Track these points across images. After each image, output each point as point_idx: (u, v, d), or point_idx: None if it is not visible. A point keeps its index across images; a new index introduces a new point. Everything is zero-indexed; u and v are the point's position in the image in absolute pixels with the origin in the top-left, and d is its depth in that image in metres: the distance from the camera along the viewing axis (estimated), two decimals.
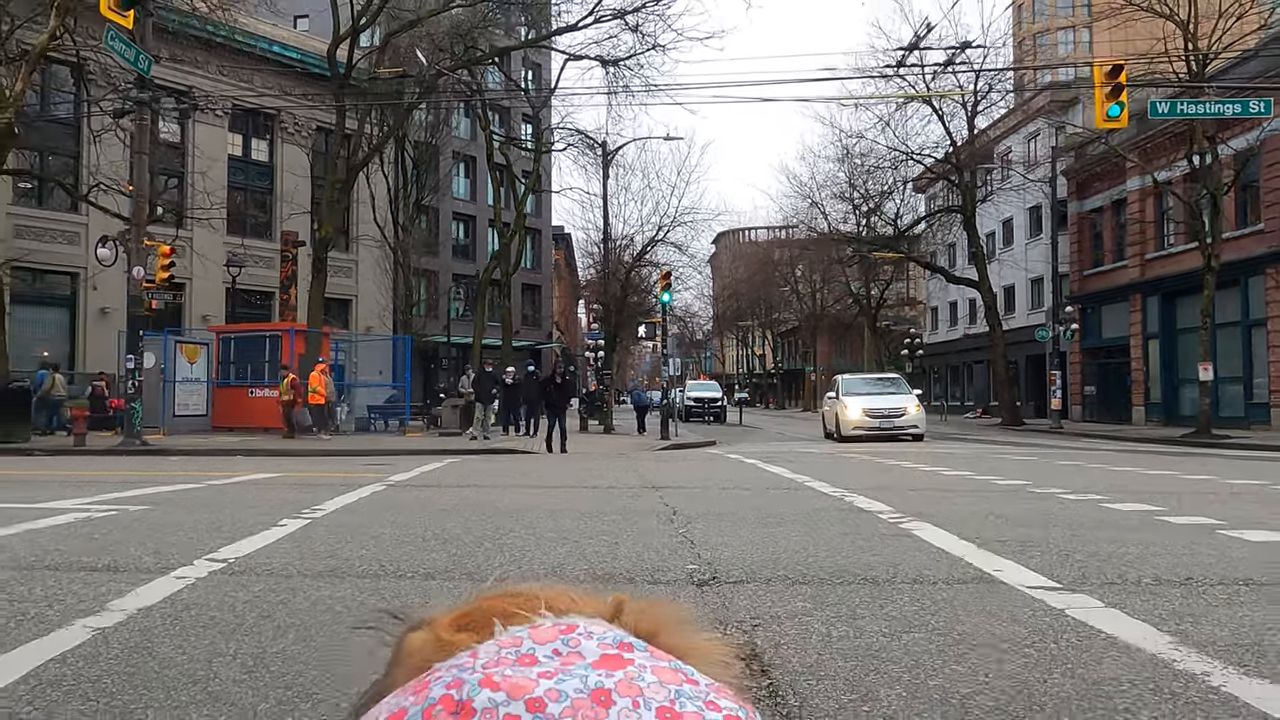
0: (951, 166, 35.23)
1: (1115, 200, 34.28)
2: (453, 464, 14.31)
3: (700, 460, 15.38)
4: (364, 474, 12.00)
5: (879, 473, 11.95)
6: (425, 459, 15.85)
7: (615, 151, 31.49)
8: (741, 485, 10.09)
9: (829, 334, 62.37)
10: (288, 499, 8.68)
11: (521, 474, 11.95)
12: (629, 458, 16.22)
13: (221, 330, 27.84)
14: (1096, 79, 20.61)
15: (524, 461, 15.15)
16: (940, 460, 14.52)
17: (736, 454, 16.86)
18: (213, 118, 38.01)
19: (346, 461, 15.07)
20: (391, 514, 7.52)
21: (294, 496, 8.87)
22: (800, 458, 15.59)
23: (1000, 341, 35.29)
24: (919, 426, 21.94)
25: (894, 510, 7.43)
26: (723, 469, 12.95)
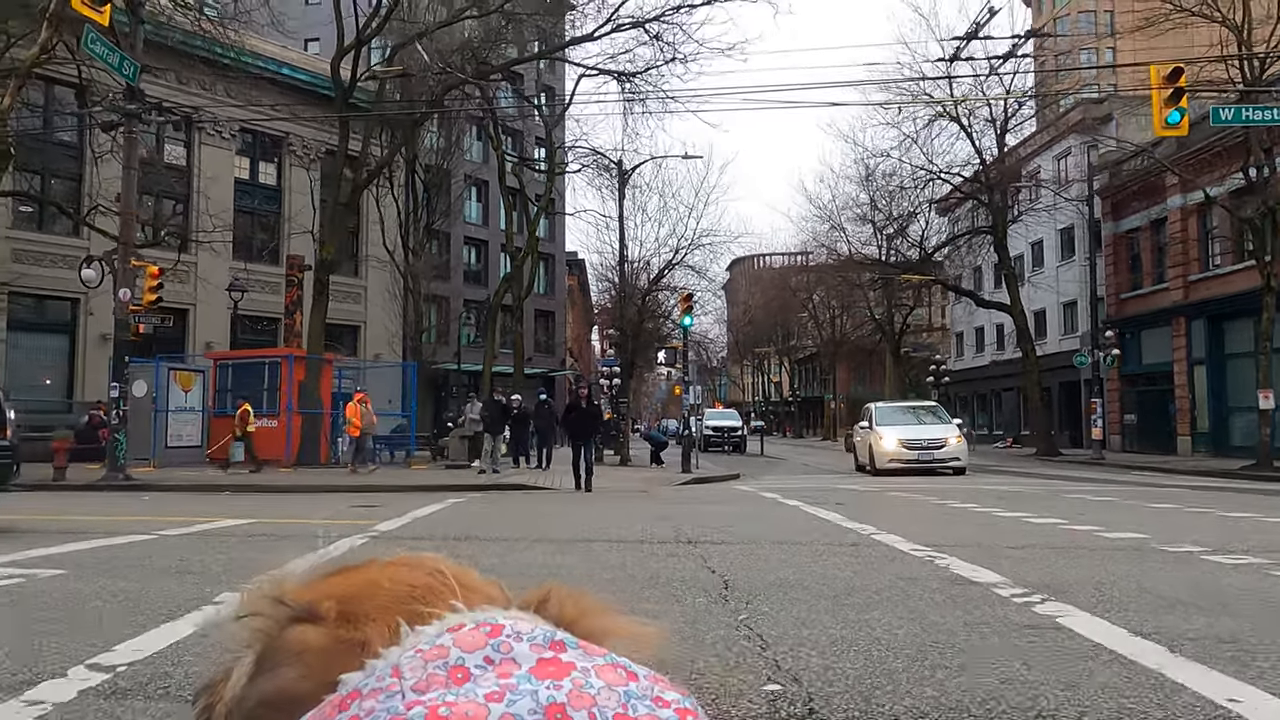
0: (981, 185, 33.64)
1: (1155, 220, 32.58)
2: (455, 504, 12.68)
3: (731, 499, 13.69)
4: (349, 519, 10.39)
5: (949, 519, 10.26)
6: (425, 497, 14.23)
7: (631, 171, 30.10)
8: (793, 537, 8.42)
9: (848, 361, 60.62)
10: (241, 560, 7.08)
11: (532, 520, 10.31)
12: (652, 497, 14.55)
13: (219, 357, 26.43)
14: (1154, 83, 19.01)
15: (536, 501, 13.52)
16: (1008, 501, 12.79)
17: (769, 491, 15.17)
18: (219, 140, 36.94)
19: (336, 500, 13.48)
20: None
21: (250, 557, 7.26)
22: (843, 497, 13.88)
23: (1034, 368, 33.52)
24: (960, 459, 20.25)
25: (1009, 581, 5.75)
26: (763, 513, 11.27)
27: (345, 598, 0.72)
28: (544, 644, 0.64)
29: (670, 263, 30.99)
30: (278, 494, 16.24)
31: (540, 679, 0.60)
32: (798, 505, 11.91)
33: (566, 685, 0.60)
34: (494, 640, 0.63)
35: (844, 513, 10.76)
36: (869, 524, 9.33)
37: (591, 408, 17.98)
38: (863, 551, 7.32)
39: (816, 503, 12.31)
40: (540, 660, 0.62)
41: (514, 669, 0.61)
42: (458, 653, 0.62)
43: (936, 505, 11.99)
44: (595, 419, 18.10)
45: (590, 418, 17.63)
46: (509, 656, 0.62)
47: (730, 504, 12.38)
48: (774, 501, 12.80)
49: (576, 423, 17.41)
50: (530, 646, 0.63)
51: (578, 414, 17.60)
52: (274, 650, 0.70)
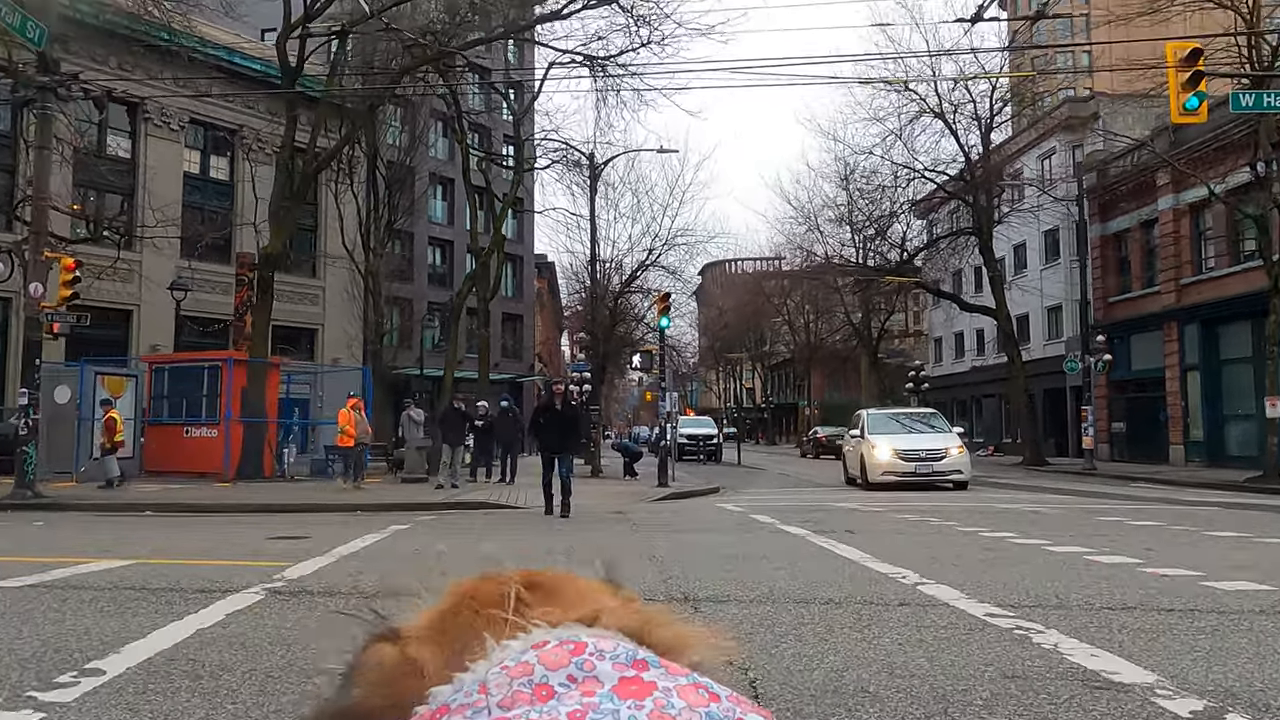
0: (966, 185, 32.10)
1: (1144, 221, 31.20)
2: (399, 532, 10.66)
3: (723, 525, 11.75)
4: (258, 558, 8.36)
5: (995, 557, 8.42)
6: (369, 521, 12.20)
7: (604, 165, 28.19)
8: (818, 590, 6.52)
9: (823, 367, 59.00)
10: (73, 634, 5.05)
11: (484, 562, 8.32)
12: (629, 521, 12.59)
13: (154, 360, 24.12)
14: (1171, 72, 17.40)
15: (495, 527, 11.53)
16: (1042, 526, 11.01)
17: (762, 512, 13.27)
18: (167, 132, 34.55)
19: (258, 526, 11.39)
20: (193, 699, 3.91)
21: (85, 627, 5.24)
22: (848, 520, 12.01)
23: (1020, 374, 32.00)
24: (963, 472, 18.39)
25: (1164, 680, 3.88)
26: (766, 547, 9.36)
27: (437, 617, 0.73)
28: (627, 663, 0.64)
29: (644, 263, 29.10)
30: (202, 517, 14.12)
31: (623, 698, 0.60)
32: (803, 534, 10.01)
33: (648, 705, 0.60)
34: (577, 658, 0.64)
35: (861, 545, 8.89)
36: (903, 566, 7.45)
37: (570, 410, 13.61)
38: (923, 618, 5.42)
39: (822, 529, 10.43)
40: (623, 679, 0.62)
41: (597, 687, 0.61)
42: (542, 670, 0.63)
43: (964, 534, 10.15)
44: (574, 425, 13.85)
45: (568, 424, 13.50)
46: (592, 675, 0.62)
47: (723, 532, 10.47)
48: (772, 528, 10.90)
49: (550, 430, 13.21)
50: (613, 665, 0.63)
51: (552, 418, 13.25)
52: (354, 667, 0.71)
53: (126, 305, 33.04)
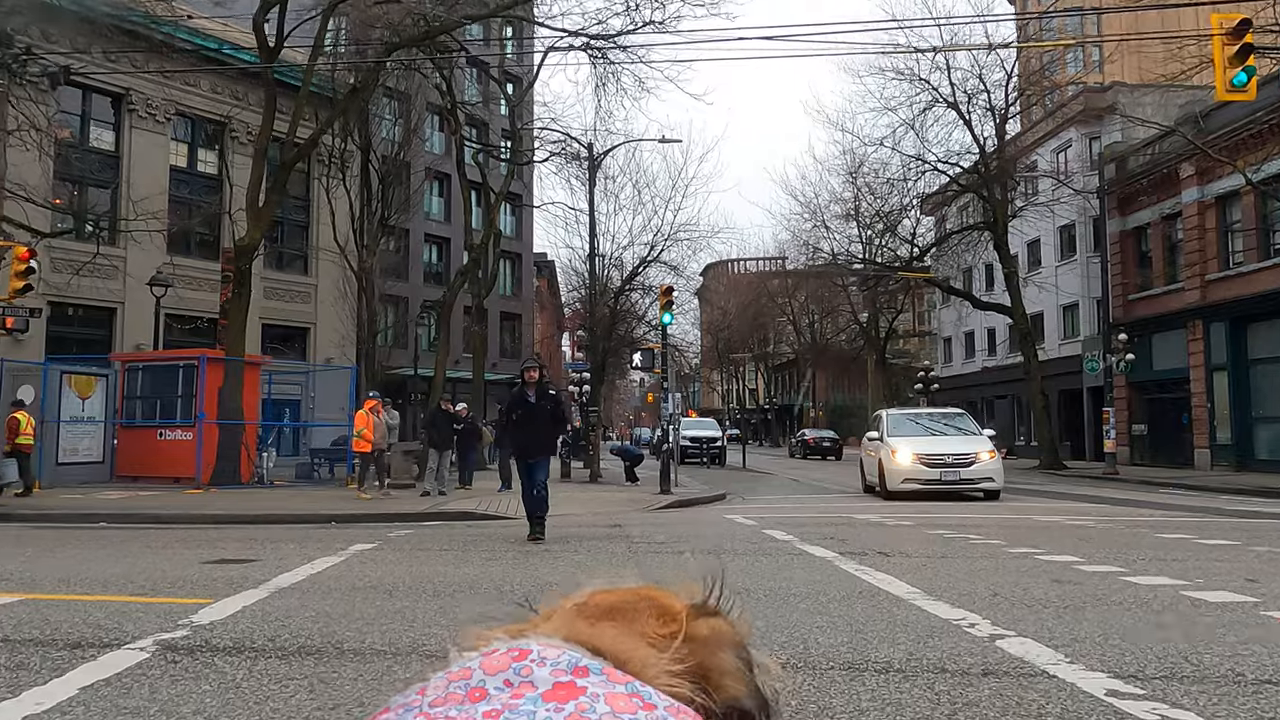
0: (979, 178, 30.56)
1: (1167, 215, 29.65)
2: (361, 554, 9.15)
3: (735, 545, 10.20)
4: (178, 591, 6.86)
5: (1085, 596, 6.89)
6: (334, 537, 10.69)
7: (604, 155, 26.67)
8: (874, 650, 5.00)
9: (828, 367, 57.41)
10: None
11: (444, 594, 6.78)
12: (626, 536, 11.06)
13: (126, 359, 22.62)
14: (1216, 42, 15.88)
15: (470, 548, 10.00)
16: (1107, 547, 9.48)
17: (777, 527, 11.75)
18: (153, 124, 33.07)
19: (207, 545, 9.88)
20: None
21: None
22: (879, 538, 10.49)
23: (1037, 374, 30.45)
24: (995, 480, 16.51)
25: None
26: (790, 577, 7.82)
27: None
28: (567, 669, 0.64)
29: (645, 259, 27.56)
30: (156, 530, 12.64)
31: (546, 701, 0.61)
32: (829, 558, 8.48)
33: (569, 709, 0.61)
34: (517, 664, 0.65)
35: (902, 572, 7.36)
36: (964, 606, 5.93)
37: (547, 401, 10.58)
38: (1024, 698, 3.89)
39: (850, 551, 8.90)
40: (556, 685, 0.63)
41: (528, 691, 0.62)
42: (480, 675, 0.64)
43: (1016, 557, 8.62)
44: (552, 421, 10.66)
45: (544, 419, 10.44)
46: (528, 680, 0.63)
47: (735, 555, 8.95)
48: (792, 549, 9.37)
49: (523, 430, 10.42)
50: (551, 671, 0.64)
51: (525, 414, 10.43)
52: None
53: (110, 303, 31.64)
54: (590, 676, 0.65)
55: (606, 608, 0.81)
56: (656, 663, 0.73)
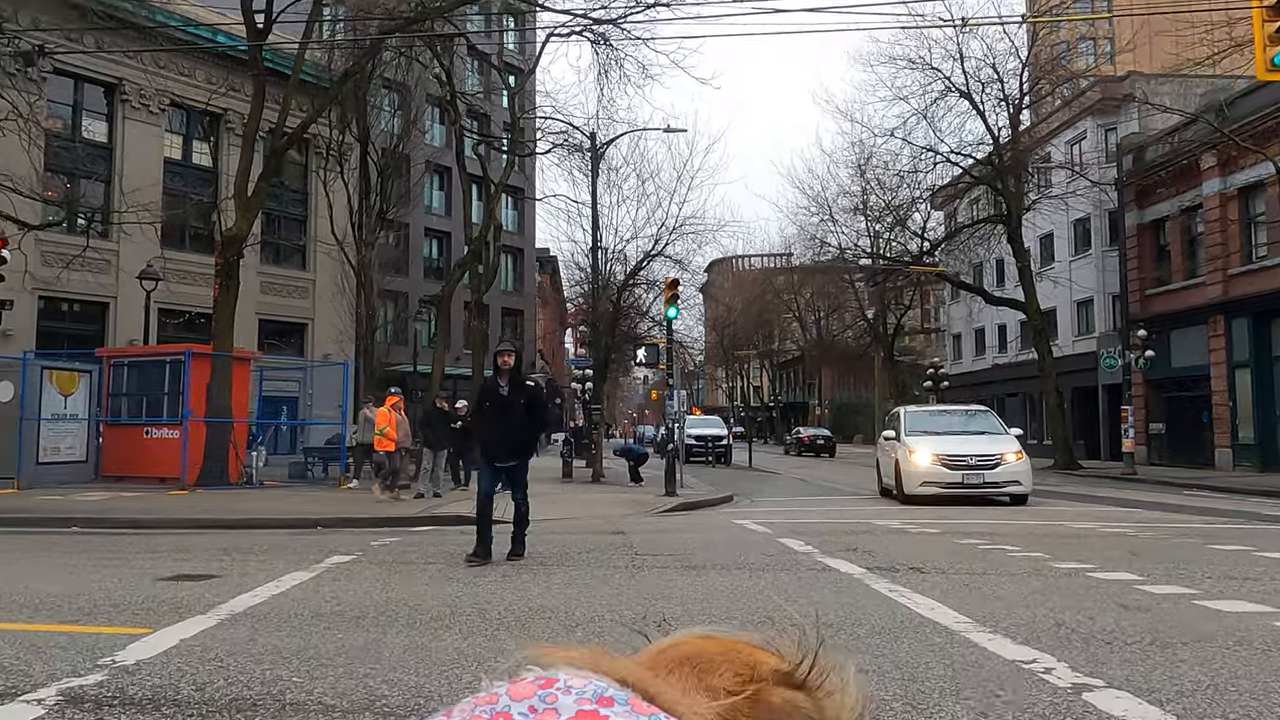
0: (993, 170, 29.55)
1: (1186, 207, 28.63)
2: (336, 568, 8.22)
3: (752, 560, 9.23)
4: (115, 619, 5.92)
5: (1149, 621, 5.94)
6: (307, 548, 9.76)
7: (607, 145, 25.69)
8: (936, 702, 4.06)
9: (834, 365, 56.39)
10: None
11: (417, 628, 5.83)
12: (629, 543, 10.11)
13: (111, 354, 21.70)
14: (1256, 17, 14.91)
15: (456, 561, 9.07)
16: (1154, 559, 8.53)
17: (793, 535, 10.79)
18: (146, 115, 32.16)
19: (171, 555, 8.95)
20: None
21: None
22: (898, 546, 9.54)
23: (1051, 371, 29.44)
24: (1023, 484, 15.27)
25: None
26: (817, 602, 6.88)
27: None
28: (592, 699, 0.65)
29: (649, 253, 26.58)
30: (129, 535, 11.75)
31: None
32: (858, 575, 7.51)
33: None
34: (543, 692, 0.66)
35: (944, 595, 6.41)
36: (1027, 640, 4.98)
37: (523, 393, 8.70)
38: None
39: (879, 566, 7.93)
40: (580, 713, 0.64)
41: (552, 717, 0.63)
42: (506, 700, 0.65)
43: (1067, 573, 7.65)
44: (530, 418, 8.71)
45: (517, 419, 8.51)
46: (552, 706, 0.64)
47: (752, 570, 7.99)
48: (813, 563, 8.41)
49: (493, 427, 8.60)
50: (576, 700, 0.65)
51: (495, 410, 8.57)
52: None
53: (103, 298, 30.78)
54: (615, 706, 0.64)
55: (686, 654, 0.78)
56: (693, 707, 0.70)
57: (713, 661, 0.79)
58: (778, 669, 0.80)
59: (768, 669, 0.80)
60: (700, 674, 0.77)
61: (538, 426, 9.13)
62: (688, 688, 0.75)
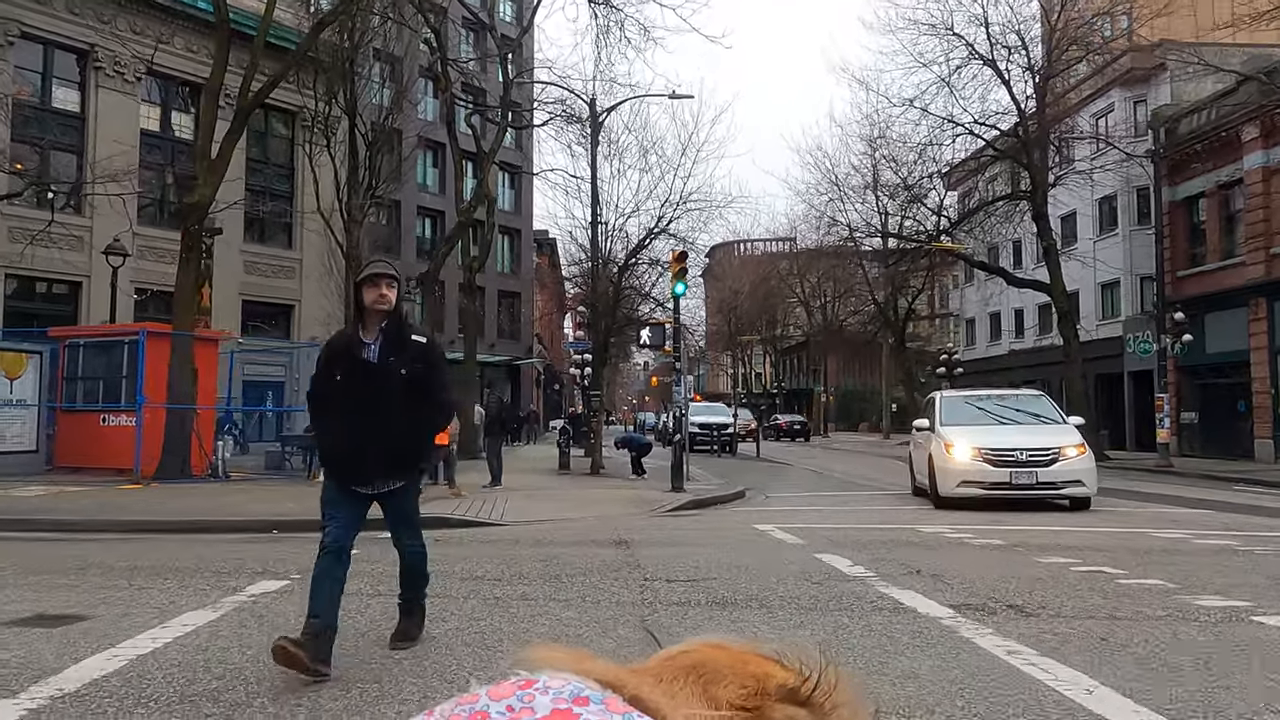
0: (1017, 142, 27.48)
1: (1224, 183, 26.58)
2: (254, 602, 6.25)
3: (791, 592, 7.20)
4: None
5: None
6: (240, 566, 7.78)
7: (608, 112, 23.62)
8: None
9: (840, 350, 54.38)
10: None
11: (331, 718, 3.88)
12: (635, 561, 8.13)
13: (65, 334, 19.69)
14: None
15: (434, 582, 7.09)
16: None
17: (828, 548, 8.83)
18: (121, 84, 30.03)
19: (68, 575, 6.97)
20: None
21: None
22: (964, 562, 7.56)
23: (1078, 356, 27.44)
24: (1086, 484, 12.66)
25: None
26: (926, 683, 4.90)
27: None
28: (568, 699, 0.66)
29: (652, 230, 24.54)
30: (45, 541, 9.81)
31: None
32: (945, 620, 5.53)
33: None
34: (521, 692, 0.68)
35: (1118, 676, 4.44)
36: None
37: (403, 363, 4.73)
38: None
39: (968, 604, 5.95)
40: (555, 711, 0.65)
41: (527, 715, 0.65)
42: (485, 700, 0.67)
43: (1243, 625, 5.66)
44: (415, 407, 4.74)
45: (395, 401, 4.67)
46: (528, 706, 0.66)
47: (797, 605, 6.02)
48: (874, 596, 6.44)
49: (351, 415, 4.68)
50: (552, 700, 0.67)
51: (352, 384, 4.71)
52: None
53: (76, 277, 28.82)
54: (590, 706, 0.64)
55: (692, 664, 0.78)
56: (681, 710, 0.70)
57: (720, 672, 0.78)
58: (784, 684, 0.78)
59: (774, 683, 0.78)
60: (706, 684, 0.76)
61: (432, 418, 4.93)
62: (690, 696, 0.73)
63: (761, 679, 0.78)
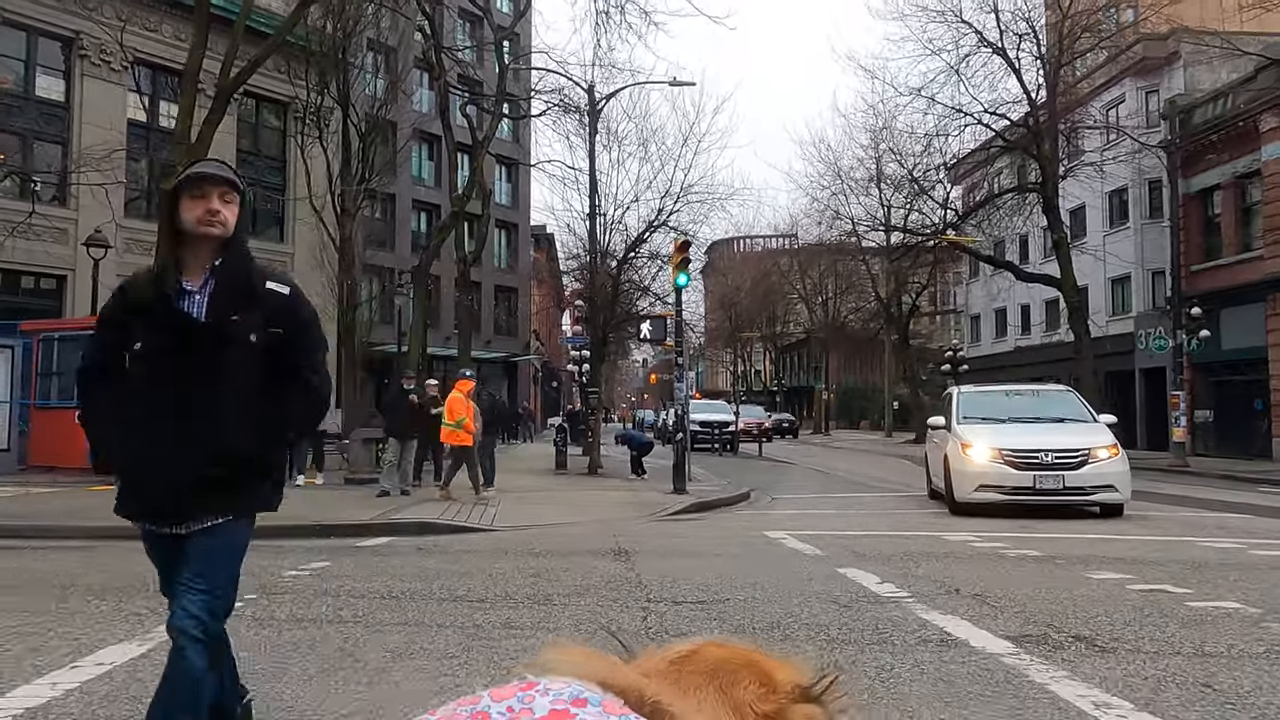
0: (1028, 132, 26.59)
1: (1241, 174, 25.70)
2: (239, 613, 5.29)
3: (819, 617, 6.26)
4: None
5: None
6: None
7: (607, 99, 22.69)
8: None
9: (842, 347, 53.45)
10: None
11: None
12: (636, 577, 7.22)
13: (40, 328, 18.77)
14: None
15: (384, 612, 6.17)
16: None
17: (850, 561, 7.94)
18: (107, 72, 29.11)
19: (64, 586, 6.08)
20: None
21: None
22: (1004, 579, 6.66)
23: (1089, 353, 26.55)
24: (1119, 489, 11.53)
25: None
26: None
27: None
28: (567, 700, 0.68)
29: (652, 224, 23.62)
30: (25, 550, 8.92)
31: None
32: (1014, 661, 4.62)
33: None
34: (522, 694, 0.69)
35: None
36: None
37: (250, 326, 2.90)
38: None
39: (1030, 637, 5.04)
40: (553, 712, 0.66)
41: (526, 716, 0.66)
42: (487, 701, 0.69)
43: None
44: (284, 400, 2.97)
45: (233, 377, 2.87)
46: (528, 707, 0.68)
47: (833, 639, 5.12)
48: (917, 625, 5.54)
49: (145, 407, 2.85)
50: (551, 701, 0.68)
51: (155, 357, 2.85)
52: None
53: (61, 270, 28.01)
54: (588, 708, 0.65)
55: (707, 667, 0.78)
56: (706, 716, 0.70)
57: (736, 674, 0.77)
58: (796, 684, 0.78)
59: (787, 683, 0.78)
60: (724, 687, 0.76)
61: (295, 413, 3.15)
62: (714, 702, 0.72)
63: (773, 678, 0.78)
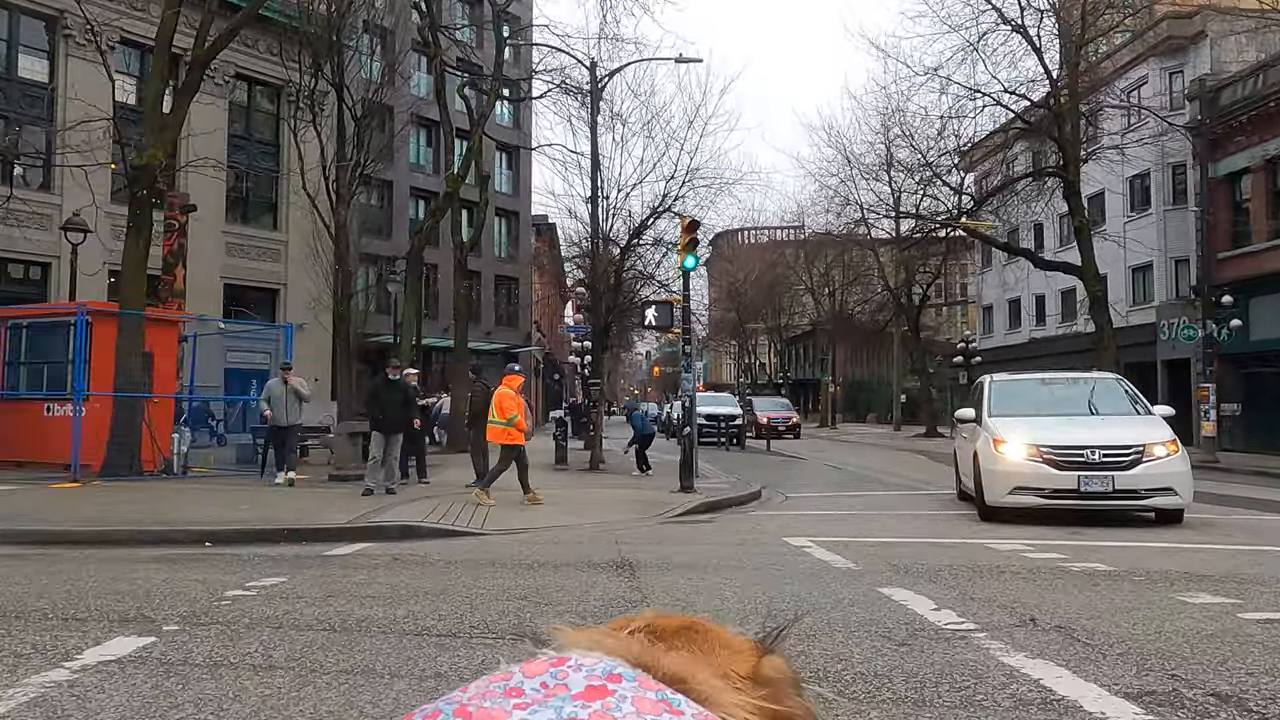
0: (1049, 114, 25.33)
1: (1271, 157, 24.43)
2: (105, 672, 4.15)
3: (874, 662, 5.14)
4: None
5: None
6: (134, 602, 5.71)
7: (609, 76, 21.49)
8: None
9: (849, 339, 52.27)
10: None
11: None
12: (639, 598, 6.05)
13: (5, 315, 17.60)
14: None
15: (342, 634, 5.02)
16: None
17: (891, 578, 6.79)
18: (92, 52, 27.90)
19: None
20: None
21: None
22: (1130, 627, 5.50)
23: (1112, 343, 25.31)
24: (1179, 492, 10.09)
25: None
26: None
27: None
28: (602, 676, 0.67)
29: (656, 209, 22.43)
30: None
31: (576, 700, 0.64)
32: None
33: (595, 705, 0.63)
34: (555, 669, 0.67)
35: None
36: None
37: None
38: None
39: (1162, 701, 3.90)
40: (589, 688, 0.65)
41: (562, 692, 0.65)
42: (520, 677, 0.67)
43: None
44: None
45: None
46: (563, 683, 0.66)
47: (901, 700, 4.00)
48: (1016, 681, 4.38)
49: None
50: (586, 677, 0.66)
51: None
52: None
53: (46, 258, 26.93)
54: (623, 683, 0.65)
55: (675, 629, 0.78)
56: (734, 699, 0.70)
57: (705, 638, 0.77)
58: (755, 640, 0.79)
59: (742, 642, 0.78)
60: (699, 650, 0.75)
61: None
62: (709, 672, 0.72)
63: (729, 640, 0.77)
